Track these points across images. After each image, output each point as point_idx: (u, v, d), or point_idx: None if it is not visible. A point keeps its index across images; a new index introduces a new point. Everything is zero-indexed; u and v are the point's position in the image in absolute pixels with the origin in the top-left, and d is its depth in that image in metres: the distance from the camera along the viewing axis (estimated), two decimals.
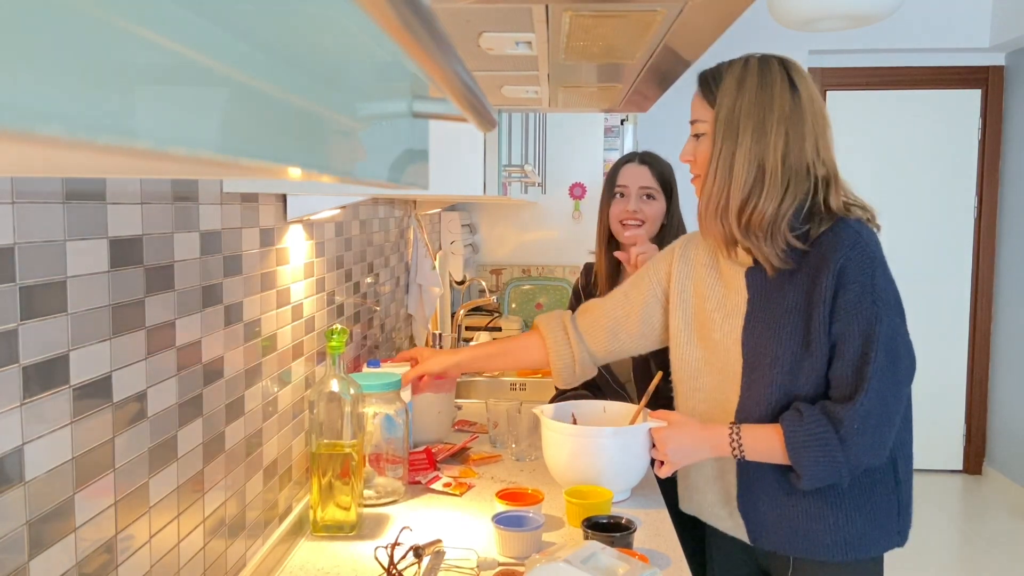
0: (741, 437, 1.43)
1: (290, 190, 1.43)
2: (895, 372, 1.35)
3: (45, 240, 0.81)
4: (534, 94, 1.42)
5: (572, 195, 4.01)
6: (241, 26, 0.33)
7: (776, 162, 1.37)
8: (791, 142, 1.38)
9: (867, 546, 1.43)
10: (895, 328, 1.35)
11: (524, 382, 2.87)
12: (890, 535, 1.44)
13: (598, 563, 1.21)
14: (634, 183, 2.05)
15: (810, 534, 1.44)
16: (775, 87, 1.39)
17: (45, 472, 0.81)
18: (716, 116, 1.42)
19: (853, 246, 1.36)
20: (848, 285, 1.35)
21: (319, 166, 0.43)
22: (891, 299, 1.37)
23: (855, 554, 1.43)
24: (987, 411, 4.96)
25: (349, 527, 1.54)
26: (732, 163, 1.39)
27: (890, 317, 1.35)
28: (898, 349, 1.36)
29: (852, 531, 1.43)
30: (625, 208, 2.05)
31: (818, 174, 1.40)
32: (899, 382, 1.36)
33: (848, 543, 1.43)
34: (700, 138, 1.47)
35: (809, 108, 1.40)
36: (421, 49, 0.34)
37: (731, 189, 1.39)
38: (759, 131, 1.38)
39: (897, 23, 4.54)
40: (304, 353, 1.63)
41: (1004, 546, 4.03)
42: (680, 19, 0.87)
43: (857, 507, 1.42)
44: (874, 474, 1.42)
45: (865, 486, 1.42)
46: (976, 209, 4.89)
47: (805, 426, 1.36)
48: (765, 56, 1.44)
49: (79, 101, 0.22)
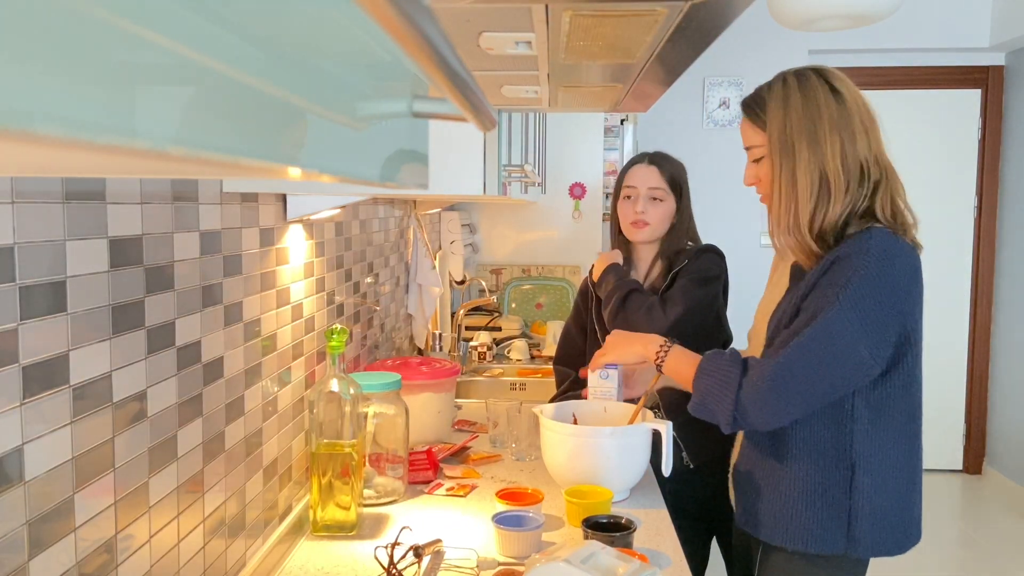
0: (670, 351, 1.54)
1: (290, 190, 1.43)
2: (820, 354, 1.34)
3: (45, 240, 0.81)
4: (534, 94, 1.42)
5: (572, 195, 4.01)
6: (241, 26, 0.33)
7: (836, 167, 1.41)
8: (846, 144, 1.42)
9: (807, 541, 1.45)
10: (846, 325, 1.34)
11: (524, 382, 2.87)
12: (835, 539, 1.44)
13: (598, 563, 1.21)
14: (642, 184, 2.06)
15: (764, 517, 1.51)
16: (819, 97, 1.43)
17: (45, 472, 0.81)
18: (769, 138, 1.47)
19: (857, 249, 1.37)
20: (827, 280, 1.38)
21: (319, 166, 0.43)
22: (861, 303, 1.35)
23: (793, 545, 1.47)
24: (987, 411, 4.96)
25: (349, 527, 1.54)
26: (794, 179, 1.43)
27: (846, 313, 1.34)
28: (836, 341, 1.34)
29: (796, 523, 1.46)
30: (633, 209, 2.05)
31: (872, 175, 1.43)
32: (821, 366, 1.35)
33: (788, 532, 1.47)
34: (760, 161, 1.51)
35: (855, 107, 1.44)
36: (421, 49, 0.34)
37: (798, 203, 1.43)
38: (813, 142, 1.42)
39: (897, 23, 4.54)
40: (304, 353, 1.63)
41: (1004, 546, 4.03)
42: (680, 19, 0.87)
43: (807, 503, 1.45)
44: (827, 475, 1.44)
45: (816, 484, 1.45)
46: (976, 209, 4.89)
47: (720, 360, 1.43)
48: (800, 70, 1.49)
49: (79, 101, 0.22)
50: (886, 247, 1.37)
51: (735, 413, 1.39)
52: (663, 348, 1.55)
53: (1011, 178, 4.75)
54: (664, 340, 1.57)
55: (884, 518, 1.45)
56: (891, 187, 1.44)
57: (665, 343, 1.56)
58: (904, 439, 1.45)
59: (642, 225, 2.05)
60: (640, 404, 1.76)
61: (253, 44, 0.34)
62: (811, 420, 1.44)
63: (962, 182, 4.90)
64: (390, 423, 1.74)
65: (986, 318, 4.92)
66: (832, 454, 1.43)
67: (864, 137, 1.43)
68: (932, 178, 4.88)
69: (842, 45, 4.67)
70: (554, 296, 3.95)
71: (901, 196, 1.46)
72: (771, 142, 1.46)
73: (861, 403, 1.42)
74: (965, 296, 4.93)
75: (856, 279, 1.35)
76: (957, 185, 4.90)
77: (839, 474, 1.44)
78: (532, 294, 3.96)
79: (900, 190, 1.46)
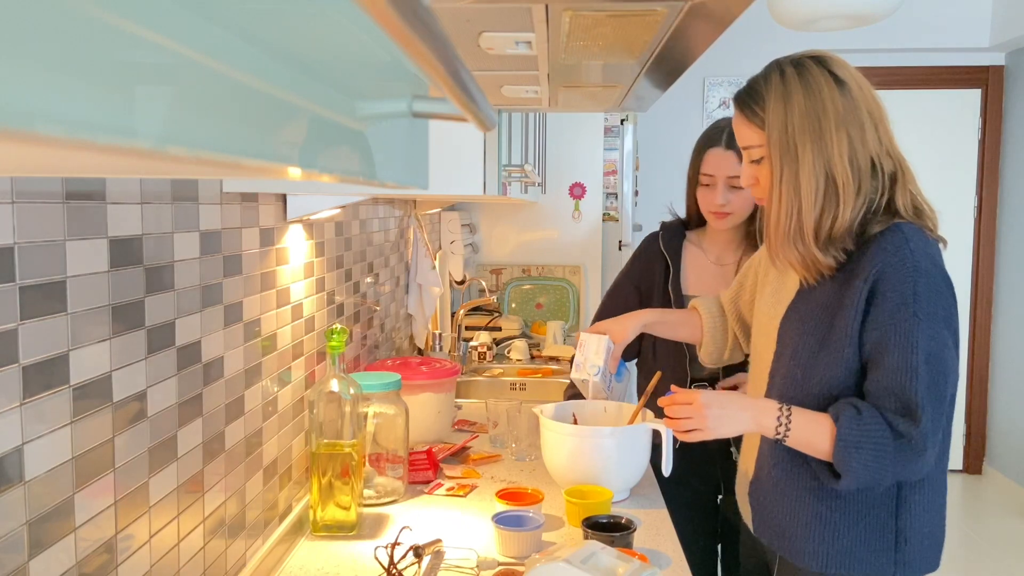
0: (791, 417, 1.32)
1: (290, 190, 1.43)
2: (943, 389, 1.27)
3: (45, 240, 0.81)
4: (534, 94, 1.42)
5: (572, 195, 4.01)
6: (241, 26, 0.33)
7: (844, 167, 1.29)
8: (854, 141, 1.30)
9: (852, 565, 1.36)
10: (941, 341, 1.26)
11: (524, 382, 2.87)
12: (883, 563, 1.36)
13: (598, 563, 1.21)
14: (720, 172, 1.89)
15: (795, 539, 1.40)
16: (822, 90, 1.31)
17: (45, 472, 0.81)
18: (769, 138, 1.34)
19: (896, 252, 1.28)
20: (886, 294, 1.27)
21: (319, 166, 0.43)
22: (937, 311, 1.27)
23: (835, 569, 1.37)
24: (987, 411, 4.96)
25: (349, 527, 1.54)
26: (798, 183, 1.31)
27: (933, 328, 1.26)
28: (946, 363, 1.27)
29: (837, 547, 1.36)
30: (713, 200, 1.91)
31: (885, 169, 1.32)
32: (943, 399, 1.27)
33: (829, 556, 1.37)
34: (760, 162, 1.39)
35: (861, 97, 1.32)
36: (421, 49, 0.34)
37: (802, 210, 1.31)
38: (818, 142, 1.30)
39: (897, 23, 4.54)
40: (304, 353, 1.63)
41: (1004, 546, 4.03)
42: (680, 19, 0.87)
43: (848, 525, 1.36)
44: (872, 495, 1.35)
45: (861, 504, 1.35)
46: (976, 209, 4.89)
47: (864, 426, 1.27)
48: (797, 59, 1.36)
49: (79, 101, 0.22)
50: (917, 243, 1.29)
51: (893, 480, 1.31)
52: (782, 417, 1.33)
53: (1011, 178, 4.75)
54: (780, 404, 1.35)
55: (932, 536, 1.38)
56: (908, 180, 1.34)
57: (783, 409, 1.34)
58: (943, 451, 1.36)
59: (724, 216, 1.92)
60: (640, 404, 1.76)
61: (253, 44, 0.34)
62: None
63: (962, 182, 4.90)
64: (390, 423, 1.73)
65: (986, 318, 4.92)
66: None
67: (873, 130, 1.32)
68: (932, 178, 4.85)
69: (842, 45, 4.66)
70: (554, 296, 3.95)
71: (918, 189, 1.36)
72: (771, 143, 1.33)
73: None
74: (965, 296, 4.93)
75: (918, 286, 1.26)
76: (957, 185, 4.90)
77: (885, 493, 1.35)
78: (532, 294, 3.96)
79: (915, 183, 1.36)
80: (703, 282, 2.00)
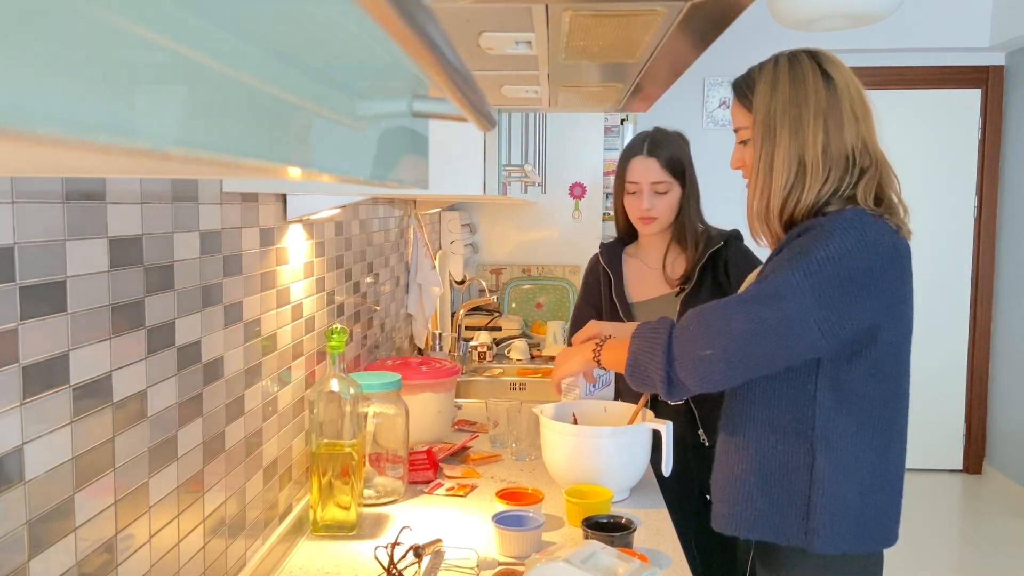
0: (602, 345, 1.52)
1: (290, 190, 1.43)
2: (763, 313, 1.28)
3: (45, 240, 0.81)
4: (534, 94, 1.42)
5: (572, 195, 4.01)
6: (241, 26, 0.33)
7: (816, 155, 1.36)
8: (831, 132, 1.36)
9: (763, 530, 1.39)
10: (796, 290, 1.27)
11: (524, 382, 2.87)
12: (792, 529, 1.37)
13: (598, 563, 1.21)
14: (644, 179, 2.01)
15: (720, 507, 1.45)
16: (808, 81, 1.38)
17: (45, 472, 0.81)
18: (754, 120, 1.42)
19: (829, 223, 1.31)
20: (793, 243, 1.33)
21: (319, 166, 0.43)
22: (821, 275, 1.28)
23: (749, 534, 1.41)
24: (987, 411, 4.96)
25: (349, 527, 1.54)
26: (772, 164, 1.39)
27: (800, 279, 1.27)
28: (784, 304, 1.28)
29: (751, 511, 1.40)
30: (640, 206, 2.02)
31: (859, 164, 1.37)
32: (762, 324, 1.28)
33: (743, 520, 1.41)
34: (747, 144, 1.47)
35: (846, 94, 1.38)
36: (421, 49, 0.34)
37: (772, 190, 1.39)
38: (796, 128, 1.37)
39: (897, 23, 4.53)
40: (304, 353, 1.63)
41: (1004, 546, 4.03)
42: (680, 19, 0.87)
43: (762, 490, 1.39)
44: (786, 461, 1.37)
45: (774, 470, 1.38)
46: (976, 209, 4.89)
47: (650, 322, 1.40)
48: (794, 52, 1.44)
49: (79, 101, 0.22)
50: (861, 226, 1.30)
51: (667, 369, 1.33)
52: (597, 346, 1.53)
53: (1011, 178, 4.75)
54: (596, 341, 1.55)
55: (845, 511, 1.35)
56: (880, 176, 1.38)
57: (599, 342, 1.54)
58: (874, 431, 1.35)
59: (650, 220, 2.03)
60: (640, 404, 1.77)
61: (253, 44, 0.34)
62: (770, 398, 1.37)
63: (962, 182, 4.90)
64: (390, 423, 1.74)
65: (986, 318, 4.92)
66: (792, 437, 1.36)
67: (853, 125, 1.37)
68: (932, 178, 4.88)
69: (842, 45, 4.66)
70: (554, 296, 3.95)
71: (892, 187, 1.40)
72: (755, 125, 1.42)
73: (825, 384, 1.33)
74: (965, 296, 4.93)
75: (820, 250, 1.28)
76: (957, 185, 4.90)
77: (800, 459, 1.36)
78: (532, 294, 3.96)
79: (892, 182, 1.40)
80: (645, 288, 2.10)
